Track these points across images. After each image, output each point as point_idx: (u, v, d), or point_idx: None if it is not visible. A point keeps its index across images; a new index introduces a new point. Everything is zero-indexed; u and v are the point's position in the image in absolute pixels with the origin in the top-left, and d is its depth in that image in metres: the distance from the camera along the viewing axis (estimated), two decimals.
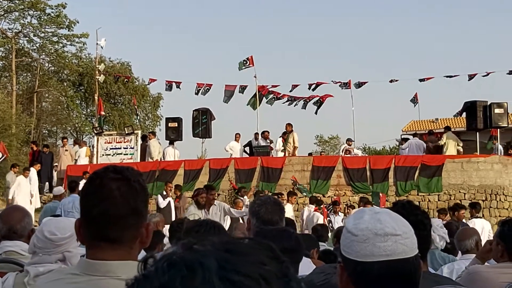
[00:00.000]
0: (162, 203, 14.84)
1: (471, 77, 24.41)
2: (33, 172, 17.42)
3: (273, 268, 0.86)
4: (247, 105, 23.87)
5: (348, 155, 20.21)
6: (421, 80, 25.09)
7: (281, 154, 20.31)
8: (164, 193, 15.19)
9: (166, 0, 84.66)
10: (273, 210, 3.82)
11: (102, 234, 1.82)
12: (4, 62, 41.43)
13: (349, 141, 21.80)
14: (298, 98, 24.79)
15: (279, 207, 3.93)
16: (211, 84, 24.99)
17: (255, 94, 23.45)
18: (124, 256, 1.82)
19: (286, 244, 3.13)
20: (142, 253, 2.05)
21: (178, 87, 25.23)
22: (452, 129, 22.56)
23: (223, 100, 24.32)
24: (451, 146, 19.32)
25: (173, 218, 13.95)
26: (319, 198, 16.49)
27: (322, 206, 15.02)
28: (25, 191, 16.63)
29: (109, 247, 1.82)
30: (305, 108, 24.57)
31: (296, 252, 3.18)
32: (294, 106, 24.60)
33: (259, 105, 23.38)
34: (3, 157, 20.28)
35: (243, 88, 24.17)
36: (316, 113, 24.60)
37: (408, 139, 22.00)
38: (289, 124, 20.24)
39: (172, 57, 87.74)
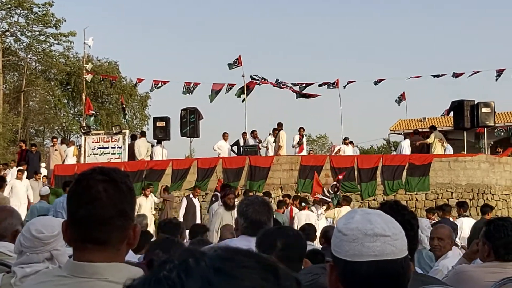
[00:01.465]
0: (183, 209, 14.67)
1: (456, 75, 24.62)
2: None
3: None
4: (235, 95, 23.97)
5: (337, 154, 20.23)
6: (409, 78, 25.45)
7: (270, 150, 20.34)
8: (191, 195, 15.10)
9: (153, 0, 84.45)
10: (261, 210, 3.78)
11: (89, 235, 1.80)
12: None
13: (346, 139, 21.83)
14: (284, 86, 24.94)
15: (267, 207, 3.89)
16: (199, 83, 24.98)
17: (243, 87, 23.49)
18: (111, 258, 1.81)
19: (285, 240, 3.10)
20: (130, 254, 2.04)
21: (157, 86, 25.15)
22: (440, 128, 22.66)
23: (209, 96, 24.22)
24: (439, 146, 19.42)
25: (198, 221, 13.99)
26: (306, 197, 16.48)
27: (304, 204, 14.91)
28: (19, 194, 16.35)
29: (96, 249, 1.80)
30: (289, 88, 24.80)
31: (295, 249, 3.14)
32: (280, 87, 24.78)
33: (246, 97, 23.45)
34: None
35: (230, 87, 24.17)
36: (297, 97, 24.82)
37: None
38: (279, 124, 20.22)
39: (160, 56, 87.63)
